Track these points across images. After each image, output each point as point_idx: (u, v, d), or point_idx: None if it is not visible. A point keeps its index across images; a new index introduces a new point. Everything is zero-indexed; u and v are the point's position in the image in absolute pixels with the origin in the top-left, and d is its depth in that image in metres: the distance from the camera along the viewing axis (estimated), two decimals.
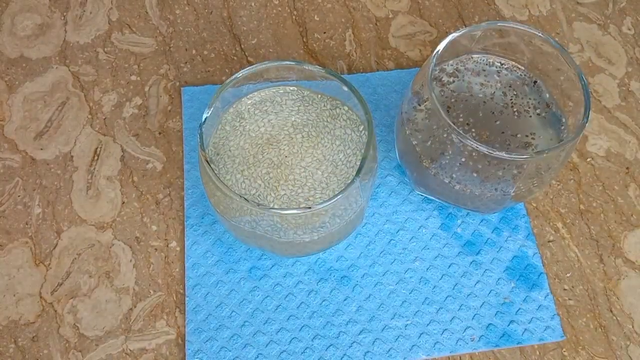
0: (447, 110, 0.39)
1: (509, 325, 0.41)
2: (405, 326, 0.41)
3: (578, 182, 0.47)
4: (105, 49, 0.51)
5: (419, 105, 0.38)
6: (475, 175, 0.37)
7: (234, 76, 0.37)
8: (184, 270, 0.42)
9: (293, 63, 0.38)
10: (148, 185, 0.45)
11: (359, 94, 0.36)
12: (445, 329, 0.41)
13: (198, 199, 0.44)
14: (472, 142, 0.35)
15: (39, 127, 0.47)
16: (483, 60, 0.41)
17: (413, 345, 0.40)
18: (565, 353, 0.41)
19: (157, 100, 0.49)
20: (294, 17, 0.54)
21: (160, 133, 0.47)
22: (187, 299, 0.41)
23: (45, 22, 0.52)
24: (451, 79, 0.41)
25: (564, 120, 0.39)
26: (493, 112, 0.39)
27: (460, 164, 0.37)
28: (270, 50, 0.52)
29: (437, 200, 0.44)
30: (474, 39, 0.40)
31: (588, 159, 0.48)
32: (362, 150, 0.38)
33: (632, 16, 0.55)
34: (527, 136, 0.39)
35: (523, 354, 0.41)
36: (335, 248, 0.43)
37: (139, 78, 0.50)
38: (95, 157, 0.46)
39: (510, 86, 0.41)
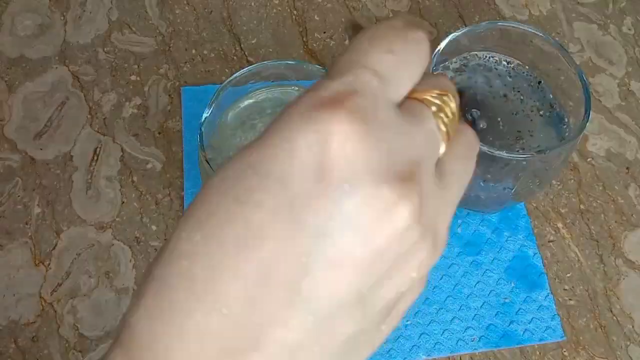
0: None
1: (509, 325, 0.41)
2: (405, 326, 0.41)
3: (578, 182, 0.47)
4: (105, 49, 0.51)
5: None
6: (476, 174, 0.37)
7: (233, 76, 0.37)
8: None
9: (293, 63, 0.37)
10: (148, 185, 0.45)
11: None
12: (446, 329, 0.41)
13: None
14: None
15: (39, 127, 0.47)
16: (484, 60, 0.41)
17: (413, 346, 0.40)
18: (566, 353, 0.41)
19: (157, 100, 0.49)
20: (293, 16, 0.54)
21: (160, 133, 0.47)
22: None
23: (45, 22, 0.52)
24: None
25: (566, 120, 0.39)
26: (494, 112, 0.39)
27: None
28: (270, 50, 0.52)
29: None
30: (474, 39, 0.40)
31: (588, 159, 0.48)
32: None
33: (632, 16, 0.55)
34: (528, 136, 0.39)
35: (523, 354, 0.40)
36: None
37: (138, 78, 0.50)
38: (95, 157, 0.46)
39: (512, 86, 0.41)
